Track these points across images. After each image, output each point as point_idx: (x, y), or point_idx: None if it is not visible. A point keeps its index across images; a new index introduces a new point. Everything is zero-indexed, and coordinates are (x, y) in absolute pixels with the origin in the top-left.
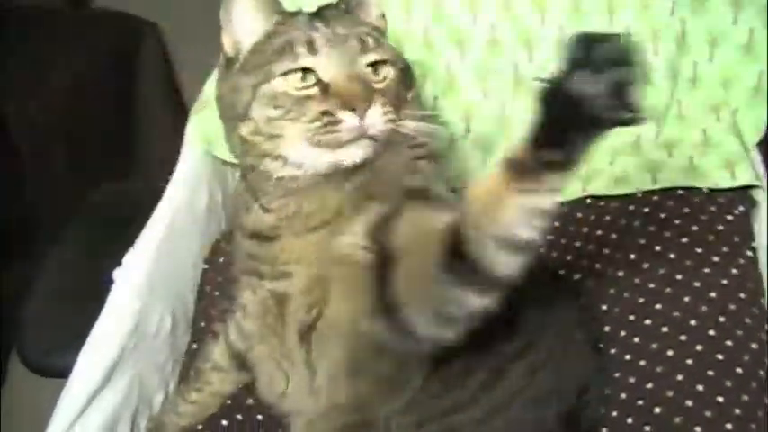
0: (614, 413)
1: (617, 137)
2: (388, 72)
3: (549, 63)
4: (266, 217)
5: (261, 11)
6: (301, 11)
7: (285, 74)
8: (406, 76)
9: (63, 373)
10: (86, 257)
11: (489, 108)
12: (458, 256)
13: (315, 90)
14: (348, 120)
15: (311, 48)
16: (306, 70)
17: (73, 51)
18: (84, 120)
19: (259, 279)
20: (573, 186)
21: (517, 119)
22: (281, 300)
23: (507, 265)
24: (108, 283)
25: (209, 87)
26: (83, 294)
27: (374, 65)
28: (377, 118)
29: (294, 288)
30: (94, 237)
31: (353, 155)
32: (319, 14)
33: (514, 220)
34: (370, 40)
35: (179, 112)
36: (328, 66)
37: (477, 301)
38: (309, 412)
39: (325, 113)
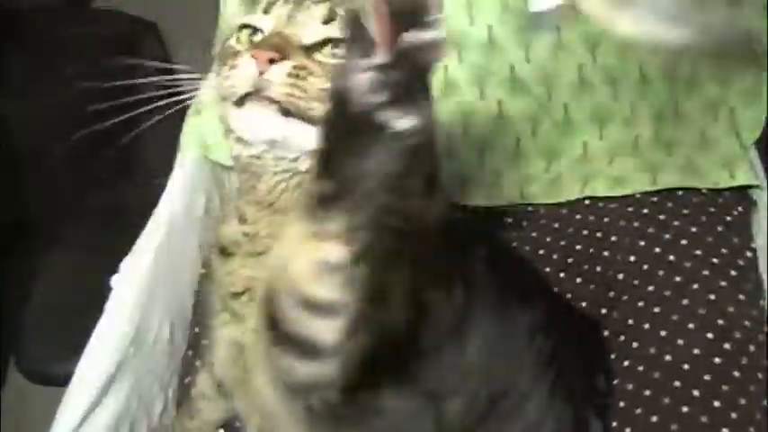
0: (614, 423)
1: (615, 136)
2: None
3: (547, 63)
4: (234, 226)
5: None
6: None
7: (238, 30)
8: None
9: (61, 381)
10: (84, 263)
11: (486, 109)
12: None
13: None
14: (243, 64)
15: (268, 8)
16: (256, 30)
17: (73, 51)
18: (84, 120)
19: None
20: (571, 188)
21: (514, 119)
22: (240, 349)
23: (316, 328)
24: (106, 289)
25: (204, 92)
26: (80, 302)
27: (338, 43)
28: (277, 74)
29: (246, 335)
30: (93, 240)
31: (252, 114)
32: None
33: (305, 273)
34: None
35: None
36: (271, 23)
37: (304, 370)
38: None
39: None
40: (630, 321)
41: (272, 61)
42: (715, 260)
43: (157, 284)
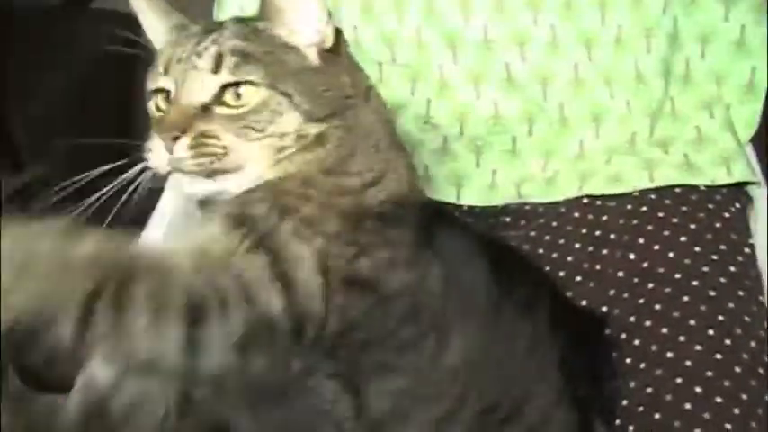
0: (618, 421)
1: (611, 135)
2: (255, 95)
3: (542, 63)
4: None
5: (157, 19)
6: (197, 22)
7: (151, 94)
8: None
9: (63, 388)
10: None
11: (482, 109)
12: None
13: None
14: (155, 148)
15: (167, 67)
16: (163, 91)
17: (73, 51)
18: (84, 120)
19: None
20: (569, 186)
21: (510, 119)
22: None
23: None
24: None
25: None
26: None
27: (236, 86)
28: (182, 151)
29: None
30: None
31: (182, 182)
32: (206, 27)
33: None
34: (233, 59)
35: None
36: (173, 86)
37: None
38: None
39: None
40: (631, 319)
41: (176, 138)
42: (714, 257)
43: None
